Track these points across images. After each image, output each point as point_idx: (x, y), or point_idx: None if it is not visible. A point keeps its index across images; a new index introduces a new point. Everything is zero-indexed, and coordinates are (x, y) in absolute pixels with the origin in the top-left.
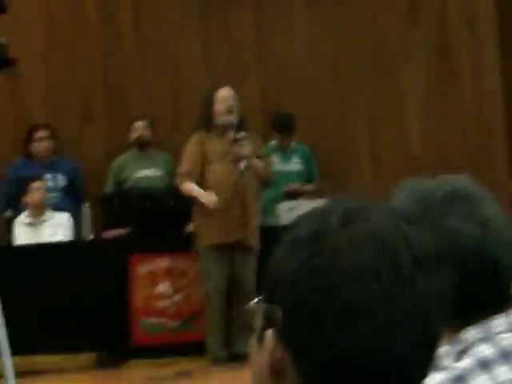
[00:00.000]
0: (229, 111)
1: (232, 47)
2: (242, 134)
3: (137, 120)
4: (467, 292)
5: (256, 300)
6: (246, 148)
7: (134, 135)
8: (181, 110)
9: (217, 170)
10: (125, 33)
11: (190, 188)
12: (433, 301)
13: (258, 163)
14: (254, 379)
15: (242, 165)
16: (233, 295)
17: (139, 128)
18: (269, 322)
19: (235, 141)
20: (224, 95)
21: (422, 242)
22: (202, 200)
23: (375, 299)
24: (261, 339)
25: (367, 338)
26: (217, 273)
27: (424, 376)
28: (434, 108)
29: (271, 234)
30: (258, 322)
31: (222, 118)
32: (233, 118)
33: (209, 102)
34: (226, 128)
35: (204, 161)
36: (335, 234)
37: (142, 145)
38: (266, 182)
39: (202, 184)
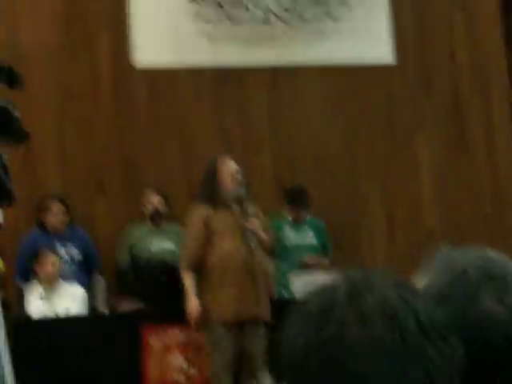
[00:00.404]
0: (239, 184)
1: (246, 121)
2: (252, 207)
3: (152, 193)
4: (489, 373)
5: (268, 379)
6: (255, 222)
7: (149, 208)
8: (195, 184)
9: (225, 246)
10: (139, 107)
11: (187, 283)
12: (443, 372)
13: (263, 235)
14: None
15: (253, 239)
16: (242, 369)
17: (154, 201)
18: None
19: (244, 214)
20: (232, 168)
21: (428, 312)
22: (188, 305)
23: (385, 371)
24: None
25: None
26: (228, 345)
27: None
28: (447, 178)
29: (284, 307)
30: None
31: (231, 193)
32: (242, 192)
33: (213, 175)
34: (238, 201)
35: (209, 237)
36: (342, 308)
37: (157, 218)
38: (272, 254)
39: (210, 260)
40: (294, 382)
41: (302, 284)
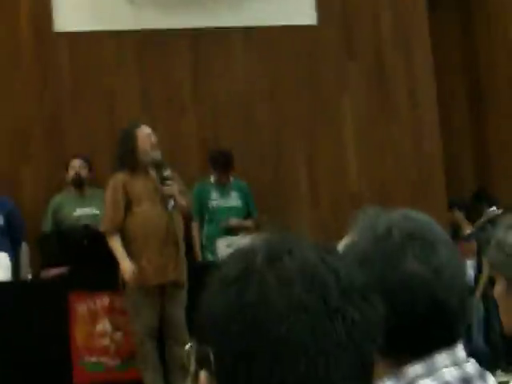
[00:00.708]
0: (156, 147)
1: (169, 85)
2: (169, 172)
3: (73, 158)
4: (415, 330)
5: (190, 343)
6: (173, 186)
7: (71, 173)
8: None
9: (145, 211)
10: (60, 71)
11: (115, 247)
12: (364, 332)
13: (182, 199)
14: None
15: (171, 204)
16: (165, 333)
17: (76, 166)
18: (202, 364)
19: (162, 180)
20: (146, 132)
21: (349, 273)
22: (121, 265)
23: (305, 333)
24: (196, 381)
25: (300, 371)
26: (147, 310)
27: None
28: (371, 141)
29: (207, 270)
30: (192, 365)
31: (151, 155)
32: (158, 154)
33: (130, 141)
34: (155, 165)
35: (129, 202)
36: (262, 272)
37: (78, 183)
38: (190, 217)
39: (131, 225)
40: (215, 345)
41: (226, 247)
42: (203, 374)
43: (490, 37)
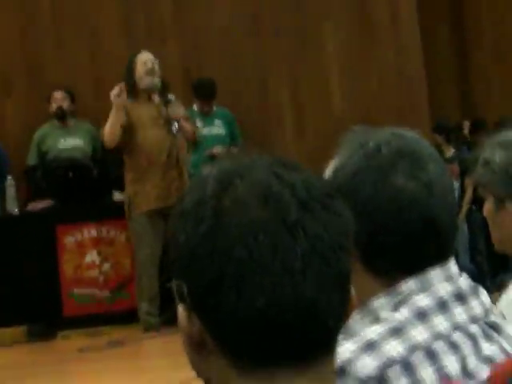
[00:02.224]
0: (150, 74)
1: (150, 13)
2: (171, 96)
3: (55, 91)
4: (407, 247)
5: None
6: (177, 110)
7: (54, 106)
8: (101, 78)
9: (148, 136)
10: (41, 3)
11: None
12: (329, 241)
13: (187, 124)
14: (186, 353)
15: (174, 127)
16: (166, 261)
17: (58, 99)
18: (179, 299)
19: (165, 103)
20: (143, 59)
21: (306, 185)
22: (113, 101)
23: (267, 252)
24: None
25: (269, 291)
26: (152, 239)
27: (340, 319)
28: (354, 66)
29: None
30: (176, 299)
31: (144, 82)
32: (156, 81)
33: (130, 69)
34: (149, 91)
35: (132, 128)
36: (215, 198)
37: (61, 115)
38: (195, 142)
39: (134, 151)
40: (185, 278)
41: None
42: (180, 309)
43: None
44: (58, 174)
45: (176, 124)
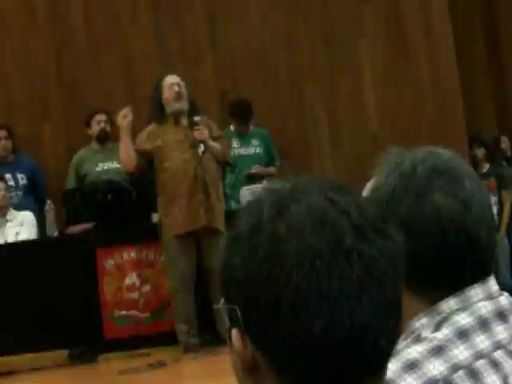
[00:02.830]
0: (177, 98)
1: (184, 33)
2: (197, 117)
3: (96, 113)
4: (446, 265)
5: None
6: (203, 131)
7: (97, 128)
8: (137, 101)
9: (175, 159)
10: (76, 28)
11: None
12: (384, 265)
13: (216, 145)
14: (236, 378)
15: (200, 149)
16: (208, 286)
17: (100, 121)
18: (232, 322)
19: (191, 126)
20: (170, 82)
21: (359, 209)
22: (119, 124)
23: (323, 277)
24: (230, 339)
25: (326, 316)
26: (184, 262)
27: (393, 342)
28: (390, 83)
29: (234, 219)
30: (226, 323)
31: (172, 107)
32: (183, 104)
33: (157, 93)
34: (177, 115)
35: (159, 153)
36: (271, 223)
37: (104, 138)
38: (226, 163)
39: (162, 175)
40: (240, 302)
41: (250, 195)
42: (234, 332)
43: None
44: (96, 197)
45: (202, 146)
